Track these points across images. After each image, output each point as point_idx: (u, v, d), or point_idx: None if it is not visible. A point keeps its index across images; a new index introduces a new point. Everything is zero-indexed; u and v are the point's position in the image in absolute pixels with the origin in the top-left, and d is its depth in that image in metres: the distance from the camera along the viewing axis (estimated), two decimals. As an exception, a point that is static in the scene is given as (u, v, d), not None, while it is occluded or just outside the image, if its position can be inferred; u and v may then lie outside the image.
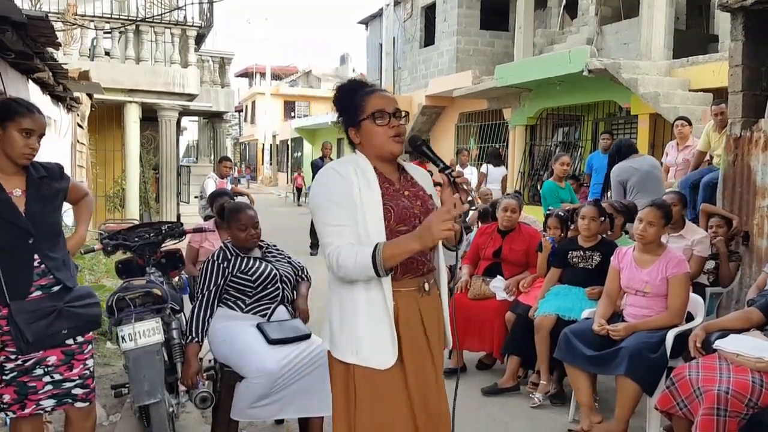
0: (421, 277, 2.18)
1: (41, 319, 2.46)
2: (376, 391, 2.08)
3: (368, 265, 1.97)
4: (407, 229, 2.08)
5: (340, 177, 2.09)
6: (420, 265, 2.16)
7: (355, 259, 1.99)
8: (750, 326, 3.26)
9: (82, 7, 11.37)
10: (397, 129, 2.13)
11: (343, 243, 2.03)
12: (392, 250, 1.98)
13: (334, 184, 2.09)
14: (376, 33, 19.65)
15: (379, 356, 2.07)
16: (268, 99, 35.42)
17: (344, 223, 2.05)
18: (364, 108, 2.12)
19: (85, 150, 10.27)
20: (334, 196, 2.08)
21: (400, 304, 2.11)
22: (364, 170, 2.12)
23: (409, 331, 2.12)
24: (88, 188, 3.34)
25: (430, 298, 2.21)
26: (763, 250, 5.02)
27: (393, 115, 2.12)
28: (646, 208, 3.81)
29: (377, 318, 2.08)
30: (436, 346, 2.21)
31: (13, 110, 2.50)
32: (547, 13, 14.70)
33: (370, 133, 2.13)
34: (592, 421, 3.64)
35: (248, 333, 3.15)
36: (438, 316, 2.24)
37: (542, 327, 4.16)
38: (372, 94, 2.15)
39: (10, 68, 5.13)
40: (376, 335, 2.07)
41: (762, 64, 5.34)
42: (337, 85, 2.26)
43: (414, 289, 2.16)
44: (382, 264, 1.97)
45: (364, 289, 2.08)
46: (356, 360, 2.08)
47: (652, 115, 9.50)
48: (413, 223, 2.11)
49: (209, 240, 4.73)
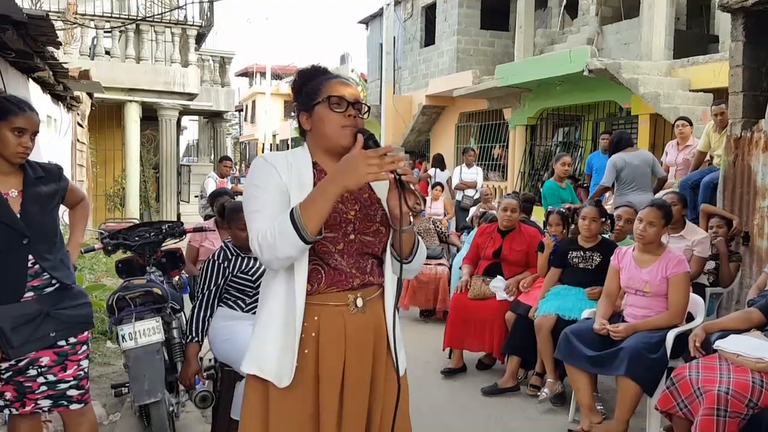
0: (352, 291, 1.90)
1: (26, 323, 2.45)
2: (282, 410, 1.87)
3: (289, 230, 1.71)
4: (334, 237, 1.87)
5: (265, 164, 1.89)
6: (349, 277, 1.90)
7: (275, 229, 1.73)
8: (750, 326, 3.26)
9: (83, 7, 11.37)
10: (353, 120, 1.88)
11: (263, 223, 1.80)
12: (309, 200, 1.74)
13: (258, 170, 1.89)
14: (377, 32, 19.63)
15: (279, 372, 1.85)
16: (269, 98, 35.41)
17: (265, 206, 1.82)
18: (321, 91, 1.90)
19: (86, 149, 10.27)
20: (257, 180, 1.87)
21: (322, 319, 1.87)
22: (299, 164, 1.90)
23: (329, 352, 1.87)
24: (86, 193, 3.32)
25: (365, 317, 1.92)
26: (763, 251, 5.03)
27: (352, 105, 1.88)
28: (646, 208, 3.81)
29: (288, 330, 1.85)
30: (359, 372, 1.90)
31: (5, 109, 2.47)
32: (547, 12, 14.69)
33: (322, 120, 1.89)
34: (592, 421, 3.64)
35: (248, 332, 3.14)
36: (376, 337, 1.95)
37: (542, 327, 4.16)
38: (334, 79, 1.93)
39: (10, 67, 5.13)
40: (282, 349, 1.85)
41: (762, 65, 5.34)
42: (298, 70, 2.05)
43: (341, 305, 1.89)
44: (302, 222, 1.71)
45: (283, 297, 1.86)
46: (258, 371, 1.88)
47: (652, 116, 9.49)
48: (343, 229, 1.88)
49: (209, 239, 4.73)
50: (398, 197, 1.78)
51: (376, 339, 1.95)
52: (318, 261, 1.88)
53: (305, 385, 1.87)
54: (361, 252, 1.93)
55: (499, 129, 14.20)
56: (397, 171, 1.75)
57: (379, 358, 1.96)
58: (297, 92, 1.99)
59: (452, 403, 4.27)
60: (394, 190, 1.81)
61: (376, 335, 1.95)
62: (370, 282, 1.95)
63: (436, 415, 3.97)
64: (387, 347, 1.98)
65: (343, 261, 1.90)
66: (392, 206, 1.86)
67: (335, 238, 1.88)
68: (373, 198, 1.98)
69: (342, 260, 1.90)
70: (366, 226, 1.93)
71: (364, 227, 1.92)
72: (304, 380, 1.86)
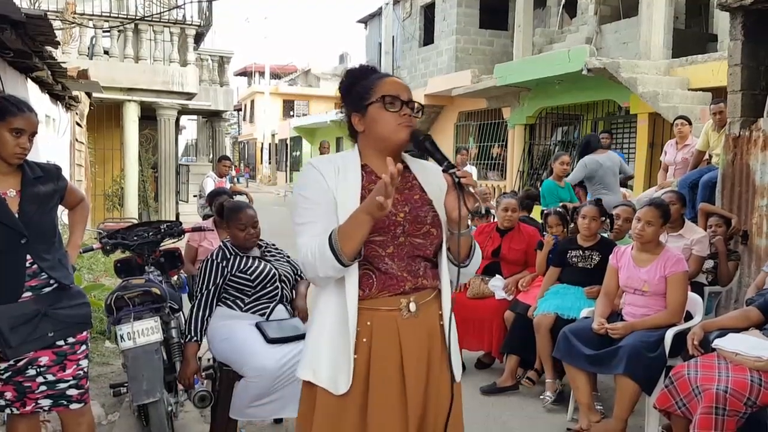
0: (404, 296, 1.88)
1: (25, 323, 2.44)
2: (335, 416, 1.85)
3: (327, 254, 1.74)
4: (383, 240, 1.85)
5: (312, 170, 1.88)
6: (401, 281, 1.87)
7: (316, 250, 1.76)
8: (749, 325, 3.26)
9: (81, 6, 11.35)
10: (408, 119, 1.86)
11: (307, 239, 1.80)
12: (345, 227, 1.74)
13: (305, 179, 1.89)
14: (376, 32, 19.64)
15: (334, 379, 1.84)
16: (267, 98, 35.42)
17: (312, 220, 1.83)
18: (374, 91, 1.87)
19: (84, 149, 10.26)
20: (303, 189, 1.87)
21: (375, 325, 1.85)
22: (347, 168, 1.89)
23: (380, 358, 1.85)
24: (85, 193, 3.32)
25: (418, 321, 1.89)
26: (762, 249, 5.03)
27: (406, 103, 1.87)
28: (644, 207, 3.81)
29: (341, 337, 1.84)
30: (415, 378, 1.88)
31: (3, 110, 2.46)
32: (546, 12, 14.70)
33: (376, 120, 1.87)
34: (591, 420, 3.64)
35: (247, 332, 3.15)
36: (431, 342, 1.92)
37: (541, 326, 4.16)
38: (386, 78, 1.91)
39: (8, 67, 5.13)
40: (337, 356, 1.84)
41: (761, 64, 5.35)
42: (346, 70, 2.03)
43: (393, 309, 1.87)
44: (339, 247, 1.72)
45: (336, 303, 1.85)
46: (313, 378, 1.87)
47: (651, 115, 9.50)
48: (393, 232, 1.86)
49: (208, 239, 4.73)
50: (457, 199, 1.76)
51: (430, 344, 1.92)
52: (368, 266, 1.86)
53: (357, 391, 1.84)
54: (412, 255, 1.89)
55: (497, 128, 14.20)
56: (456, 174, 1.75)
57: (433, 363, 1.92)
58: (345, 93, 1.96)
59: (451, 403, 4.27)
60: (453, 192, 1.78)
61: (431, 340, 1.92)
62: (423, 285, 1.92)
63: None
64: (442, 352, 1.93)
65: (393, 264, 1.88)
66: (450, 208, 1.81)
67: (384, 241, 1.86)
68: (424, 199, 1.94)
69: (392, 264, 1.87)
70: (416, 228, 1.90)
71: (414, 229, 1.89)
72: (355, 385, 1.84)
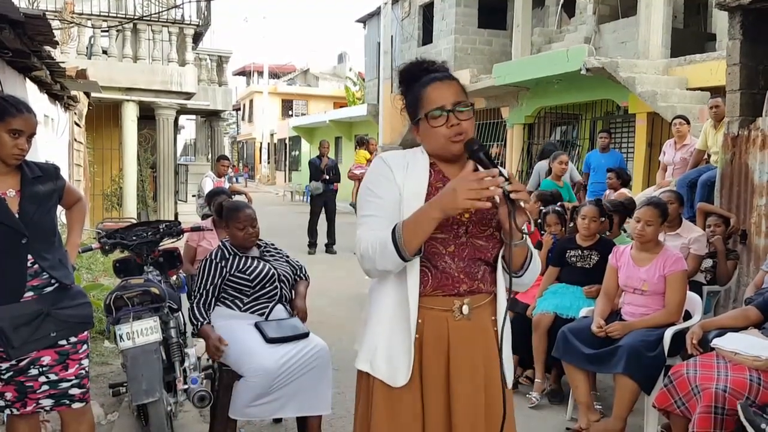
0: (458, 297, 1.87)
1: (27, 324, 2.44)
2: (392, 408, 1.87)
3: (389, 247, 1.74)
4: (445, 238, 1.85)
5: (382, 165, 1.90)
6: (457, 282, 1.87)
7: (377, 244, 1.76)
8: (748, 324, 3.27)
9: (80, 6, 11.35)
10: (458, 128, 1.82)
11: (368, 233, 1.82)
12: (411, 222, 1.74)
13: (375, 173, 1.90)
14: (374, 31, 19.64)
15: (392, 372, 1.86)
16: (266, 97, 35.39)
17: (374, 214, 1.85)
18: (421, 104, 1.87)
19: (83, 149, 10.25)
20: (371, 183, 1.89)
21: (426, 323, 1.86)
22: (416, 164, 1.90)
23: (430, 356, 1.87)
24: (83, 193, 3.31)
25: (470, 324, 1.88)
26: (760, 249, 5.04)
27: (452, 110, 1.83)
28: (643, 207, 3.81)
29: (399, 330, 1.86)
30: (466, 382, 1.87)
31: (2, 110, 2.46)
32: (545, 11, 14.70)
33: (428, 134, 1.87)
34: (590, 419, 3.64)
35: (246, 332, 3.15)
36: (483, 348, 1.90)
37: (540, 325, 4.16)
38: (429, 85, 1.87)
39: (7, 66, 5.12)
40: (394, 349, 1.86)
41: (760, 63, 5.35)
42: (398, 69, 2.02)
43: (445, 310, 1.87)
44: (402, 242, 1.73)
45: (394, 297, 1.86)
46: (369, 369, 1.90)
47: (649, 114, 9.51)
48: (455, 231, 1.86)
49: (207, 239, 4.72)
50: (507, 213, 1.75)
51: (485, 349, 1.90)
52: (426, 262, 1.86)
53: (412, 385, 1.86)
54: (472, 257, 1.88)
55: (496, 128, 14.21)
56: (505, 188, 1.72)
57: (490, 369, 1.90)
58: (404, 99, 1.98)
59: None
60: (504, 205, 1.76)
61: (485, 344, 1.91)
62: (479, 289, 1.90)
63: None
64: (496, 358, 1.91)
65: (452, 264, 1.87)
66: (502, 221, 1.82)
67: (446, 239, 1.85)
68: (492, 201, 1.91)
69: (451, 263, 1.87)
70: (480, 230, 1.89)
71: (478, 231, 1.89)
72: (412, 379, 1.86)
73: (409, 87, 1.95)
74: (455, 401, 1.86)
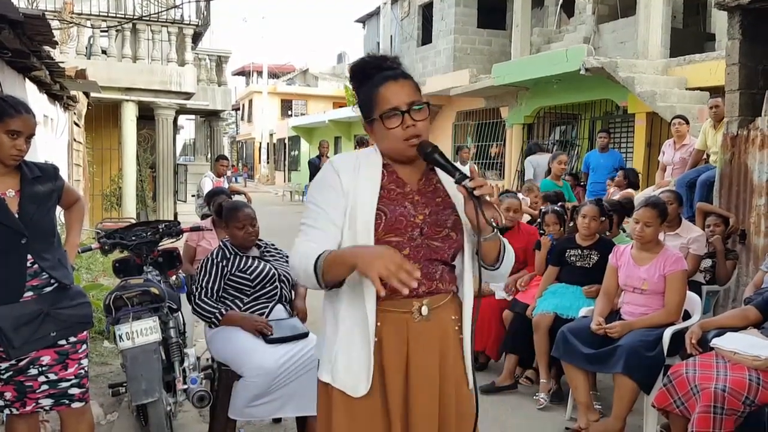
0: (417, 299, 1.82)
1: (27, 323, 2.44)
2: (353, 421, 1.81)
3: (310, 272, 1.72)
4: (399, 241, 1.80)
5: (330, 171, 1.85)
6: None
7: (304, 262, 1.74)
8: (747, 324, 3.27)
9: (79, 6, 11.34)
10: (413, 130, 1.78)
11: (303, 243, 1.79)
12: (331, 262, 1.70)
13: (321, 180, 1.86)
14: (374, 31, 19.65)
15: (352, 382, 1.80)
16: (265, 97, 35.37)
17: (314, 225, 1.81)
18: (375, 104, 1.81)
19: (82, 149, 10.24)
20: (316, 193, 1.86)
21: (385, 326, 1.81)
22: (369, 165, 1.85)
23: (390, 361, 1.82)
24: (82, 193, 3.31)
25: (429, 325, 1.84)
26: (759, 248, 5.04)
27: (407, 111, 1.78)
28: (641, 208, 3.81)
29: (356, 338, 1.80)
30: (423, 383, 1.83)
31: (1, 111, 2.45)
32: (544, 11, 14.71)
33: (382, 135, 1.83)
34: (590, 419, 3.65)
35: (246, 332, 3.15)
36: (442, 348, 1.86)
37: (540, 325, 4.16)
38: (383, 84, 1.81)
39: (6, 67, 5.12)
40: (353, 357, 1.80)
41: (759, 63, 5.35)
42: (350, 65, 1.95)
43: (405, 312, 1.82)
44: (321, 272, 1.71)
45: (351, 303, 1.81)
46: (331, 381, 1.83)
47: (648, 114, 9.51)
48: (410, 234, 1.81)
49: (206, 239, 4.72)
50: (474, 210, 1.72)
51: (442, 349, 1.87)
52: None
53: (373, 393, 1.81)
54: (429, 258, 1.84)
55: (496, 127, 14.21)
56: (468, 186, 1.71)
57: (445, 369, 1.87)
58: (357, 97, 1.92)
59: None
60: (469, 201, 1.74)
61: (442, 344, 1.87)
62: (438, 289, 1.87)
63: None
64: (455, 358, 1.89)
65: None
66: (470, 217, 1.77)
67: (401, 242, 1.81)
68: (446, 203, 1.89)
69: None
70: (435, 231, 1.85)
71: (433, 232, 1.85)
72: (374, 387, 1.81)
73: (361, 84, 1.89)
74: (413, 405, 1.82)
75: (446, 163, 1.80)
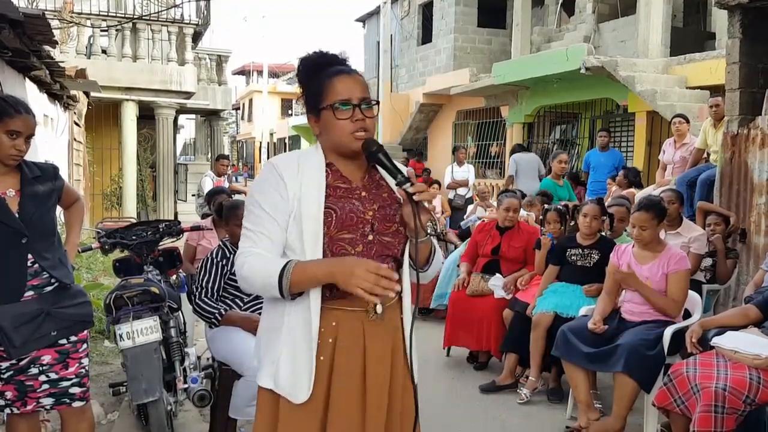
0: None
1: (28, 323, 2.45)
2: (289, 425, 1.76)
3: (273, 283, 1.69)
4: (352, 237, 1.79)
5: (272, 172, 1.80)
6: None
7: (262, 273, 1.72)
8: (747, 323, 3.27)
9: (79, 5, 11.35)
10: (362, 123, 1.79)
11: (253, 251, 1.77)
12: (301, 274, 1.69)
13: (264, 182, 1.82)
14: (374, 31, 19.62)
15: (293, 387, 1.75)
16: (266, 97, 35.35)
17: (260, 230, 1.78)
18: (325, 94, 1.80)
19: (82, 148, 10.25)
20: (259, 196, 1.81)
21: (340, 325, 1.78)
22: (312, 166, 1.82)
23: (344, 359, 1.77)
24: (82, 192, 3.32)
25: (383, 324, 1.83)
26: (760, 247, 5.04)
27: (359, 105, 1.79)
28: (636, 212, 3.79)
29: (298, 341, 1.75)
30: (378, 384, 1.80)
31: (1, 111, 2.45)
32: (544, 10, 14.71)
33: (330, 126, 1.80)
34: (590, 418, 3.65)
35: (246, 331, 3.15)
36: (393, 345, 1.86)
37: (540, 324, 4.16)
38: (336, 76, 1.81)
39: (6, 66, 5.13)
40: (295, 362, 1.75)
41: (759, 62, 5.35)
42: (300, 58, 1.92)
43: (360, 310, 1.79)
44: (288, 286, 1.68)
45: (295, 305, 1.76)
46: (273, 386, 1.77)
47: (649, 113, 9.50)
48: (362, 230, 1.80)
49: (207, 238, 4.72)
50: (412, 213, 1.74)
51: (393, 346, 1.87)
52: None
53: (320, 396, 1.76)
54: (381, 254, 1.84)
55: (496, 127, 14.20)
56: (408, 190, 1.72)
57: (396, 366, 1.87)
58: (304, 89, 1.90)
59: (450, 401, 4.28)
60: (407, 205, 1.75)
61: (394, 342, 1.87)
62: None
63: (435, 413, 3.97)
64: (404, 354, 1.88)
65: None
66: (407, 219, 1.79)
67: (354, 239, 1.80)
68: (393, 198, 1.89)
69: None
70: (385, 226, 1.85)
71: (384, 228, 1.85)
72: (319, 390, 1.76)
73: (311, 77, 1.86)
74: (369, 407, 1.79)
75: (389, 164, 1.80)
